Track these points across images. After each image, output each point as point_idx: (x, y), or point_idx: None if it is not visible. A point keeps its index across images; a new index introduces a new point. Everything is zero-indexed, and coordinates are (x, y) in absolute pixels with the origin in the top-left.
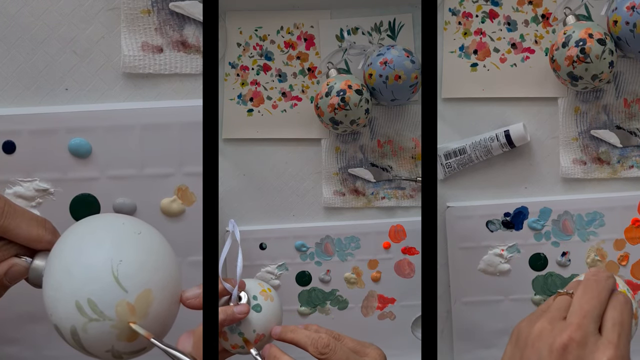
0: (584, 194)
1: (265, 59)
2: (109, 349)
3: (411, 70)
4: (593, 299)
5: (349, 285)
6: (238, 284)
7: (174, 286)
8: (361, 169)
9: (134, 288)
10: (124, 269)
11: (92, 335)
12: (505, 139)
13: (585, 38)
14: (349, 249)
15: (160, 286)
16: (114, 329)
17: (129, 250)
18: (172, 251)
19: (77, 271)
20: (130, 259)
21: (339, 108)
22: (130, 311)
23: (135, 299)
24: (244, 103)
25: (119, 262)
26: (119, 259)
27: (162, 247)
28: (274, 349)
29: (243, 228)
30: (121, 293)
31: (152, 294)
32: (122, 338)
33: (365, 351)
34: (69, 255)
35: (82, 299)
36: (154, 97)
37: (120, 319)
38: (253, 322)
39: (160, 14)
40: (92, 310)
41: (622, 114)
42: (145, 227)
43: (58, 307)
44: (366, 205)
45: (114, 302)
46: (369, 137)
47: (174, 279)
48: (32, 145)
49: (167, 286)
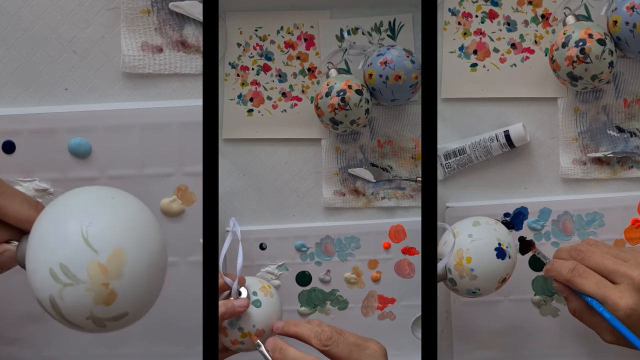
0: (584, 194)
1: (265, 59)
2: (88, 316)
3: (411, 71)
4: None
5: (349, 285)
6: (238, 279)
7: (153, 247)
8: (361, 169)
9: (104, 248)
10: (93, 230)
11: (69, 302)
12: (505, 139)
13: (585, 38)
14: (349, 249)
15: (134, 246)
16: (89, 292)
17: (100, 213)
18: (151, 215)
19: (50, 239)
20: (101, 220)
21: (339, 108)
22: (103, 271)
23: (106, 259)
24: (244, 103)
25: (89, 224)
26: (88, 221)
27: (138, 209)
28: (278, 341)
29: (243, 228)
30: (91, 254)
31: (124, 253)
32: (98, 301)
33: (367, 344)
34: (44, 225)
35: (54, 265)
36: (153, 97)
37: (93, 281)
38: (253, 317)
39: (160, 14)
40: (65, 274)
41: (621, 114)
42: (121, 193)
43: (36, 278)
44: (366, 206)
45: (84, 264)
46: (369, 137)
47: (152, 239)
48: (32, 145)
49: (143, 245)
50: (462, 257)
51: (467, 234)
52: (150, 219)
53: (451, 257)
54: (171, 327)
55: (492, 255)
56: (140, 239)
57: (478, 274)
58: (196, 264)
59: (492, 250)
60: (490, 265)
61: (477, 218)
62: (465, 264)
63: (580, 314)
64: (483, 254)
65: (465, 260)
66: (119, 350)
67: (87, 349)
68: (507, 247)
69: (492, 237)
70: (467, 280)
